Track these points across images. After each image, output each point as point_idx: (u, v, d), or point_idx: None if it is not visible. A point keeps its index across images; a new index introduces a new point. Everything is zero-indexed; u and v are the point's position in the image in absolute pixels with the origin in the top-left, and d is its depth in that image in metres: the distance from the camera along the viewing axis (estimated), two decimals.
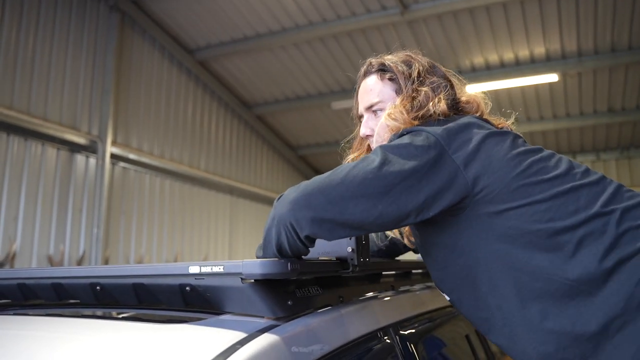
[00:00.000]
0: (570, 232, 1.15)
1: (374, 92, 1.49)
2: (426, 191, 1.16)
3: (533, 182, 1.19)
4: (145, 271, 1.19)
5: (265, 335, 0.98)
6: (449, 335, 1.84)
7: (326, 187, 1.13)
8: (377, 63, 1.52)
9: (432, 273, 1.41)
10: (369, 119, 1.50)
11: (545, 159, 1.25)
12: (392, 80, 1.47)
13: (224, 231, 8.75)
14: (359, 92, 1.57)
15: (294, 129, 10.47)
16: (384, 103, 1.46)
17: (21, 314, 1.37)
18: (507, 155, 1.22)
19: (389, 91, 1.48)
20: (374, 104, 1.48)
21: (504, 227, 1.18)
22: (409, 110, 1.36)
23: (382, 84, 1.49)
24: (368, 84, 1.52)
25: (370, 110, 1.50)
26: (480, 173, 1.19)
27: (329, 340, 1.13)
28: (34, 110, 5.66)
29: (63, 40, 6.07)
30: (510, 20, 6.99)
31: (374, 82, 1.51)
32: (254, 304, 1.08)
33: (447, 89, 1.43)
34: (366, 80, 1.54)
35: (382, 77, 1.49)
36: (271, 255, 1.15)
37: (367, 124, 1.50)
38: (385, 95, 1.47)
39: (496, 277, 1.21)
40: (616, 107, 8.70)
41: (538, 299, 1.16)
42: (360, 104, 1.55)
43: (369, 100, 1.50)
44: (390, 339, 1.37)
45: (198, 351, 0.90)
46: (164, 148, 7.54)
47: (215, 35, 7.73)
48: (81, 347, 1.00)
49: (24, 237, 5.44)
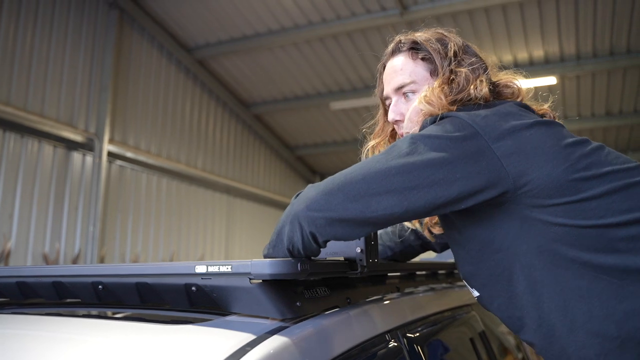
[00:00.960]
0: (623, 230, 1.06)
1: (405, 72, 1.35)
2: (460, 186, 1.06)
3: (583, 178, 1.08)
4: (150, 270, 1.16)
5: (275, 337, 0.96)
6: (455, 338, 1.82)
7: (347, 183, 1.06)
8: (408, 41, 1.38)
9: (462, 267, 1.31)
10: (398, 102, 1.37)
11: (595, 152, 1.13)
12: (425, 60, 1.34)
13: (220, 231, 8.71)
14: (384, 72, 1.42)
15: (291, 129, 10.45)
16: (417, 84, 1.33)
17: (20, 313, 1.34)
18: (554, 147, 1.10)
19: (423, 72, 1.34)
20: (406, 84, 1.34)
21: (549, 224, 1.08)
22: (447, 93, 1.23)
23: (414, 63, 1.35)
24: (397, 63, 1.38)
25: (400, 92, 1.36)
26: (524, 167, 1.07)
27: (338, 342, 1.11)
28: (31, 107, 5.61)
29: (61, 36, 6.03)
30: (509, 23, 6.99)
31: (405, 61, 1.36)
32: (262, 304, 1.05)
33: (486, 71, 1.32)
34: (395, 59, 1.39)
35: (414, 57, 1.35)
36: (281, 255, 1.10)
37: (396, 108, 1.36)
38: (419, 76, 1.34)
39: (536, 275, 1.12)
40: (614, 110, 8.72)
41: (583, 299, 1.08)
42: (388, 85, 1.40)
43: (399, 80, 1.35)
44: (398, 342, 1.34)
45: (206, 353, 0.88)
46: (161, 146, 7.50)
47: (214, 34, 7.69)
48: (82, 348, 0.97)
49: (19, 234, 5.40)
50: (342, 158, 11.46)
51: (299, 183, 11.72)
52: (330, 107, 9.04)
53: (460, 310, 2.01)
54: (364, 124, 1.58)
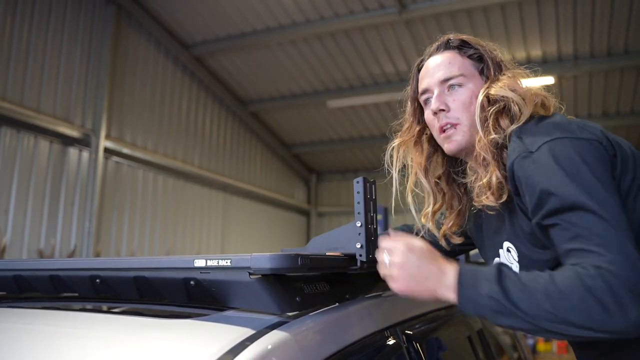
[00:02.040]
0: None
1: (453, 65, 1.36)
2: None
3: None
4: (148, 264, 1.15)
5: (275, 332, 0.95)
6: (453, 335, 1.82)
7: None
8: (456, 39, 1.40)
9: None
10: (441, 93, 1.35)
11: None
12: (474, 59, 1.37)
13: (216, 228, 8.70)
14: (426, 67, 1.42)
15: (288, 127, 10.43)
16: (465, 78, 1.34)
17: (16, 307, 1.33)
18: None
19: (472, 68, 1.37)
20: (455, 76, 1.34)
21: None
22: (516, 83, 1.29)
23: (463, 59, 1.37)
24: (444, 57, 1.38)
25: (445, 85, 1.35)
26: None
27: (337, 338, 1.10)
28: (28, 102, 5.58)
29: (58, 31, 6.00)
30: (508, 22, 6.99)
31: (453, 56, 1.38)
32: (261, 299, 1.05)
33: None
34: (440, 55, 1.40)
35: (461, 54, 1.38)
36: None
37: (440, 98, 1.34)
38: (467, 70, 1.36)
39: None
40: (611, 110, 8.74)
41: None
42: (431, 77, 1.38)
43: (447, 72, 1.35)
44: (397, 338, 1.34)
45: (205, 348, 0.87)
46: (158, 143, 7.48)
47: (211, 31, 7.67)
48: (80, 342, 0.97)
49: (14, 230, 5.37)
50: (338, 156, 11.45)
51: (295, 181, 11.71)
52: (328, 105, 9.02)
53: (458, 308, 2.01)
54: (393, 121, 1.57)
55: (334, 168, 12.07)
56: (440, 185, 1.48)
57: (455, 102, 1.33)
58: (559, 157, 1.11)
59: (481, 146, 1.26)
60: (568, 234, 1.06)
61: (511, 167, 1.17)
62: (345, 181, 11.87)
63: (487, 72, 1.35)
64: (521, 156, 1.15)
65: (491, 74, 1.34)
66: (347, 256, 1.25)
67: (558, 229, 1.08)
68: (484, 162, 1.26)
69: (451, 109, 1.33)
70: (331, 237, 1.33)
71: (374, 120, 9.59)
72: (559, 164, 1.10)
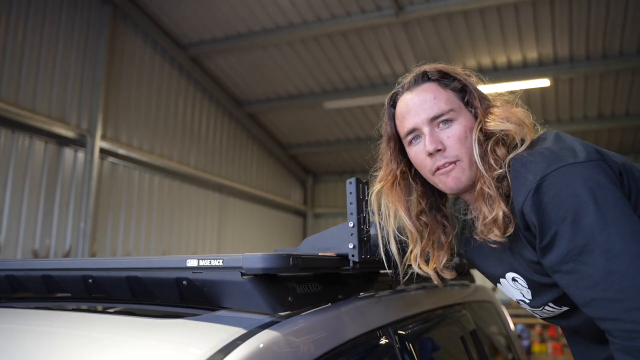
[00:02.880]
0: None
1: (440, 100, 1.28)
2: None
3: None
4: (141, 264, 1.15)
5: (266, 332, 0.95)
6: (446, 335, 1.82)
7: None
8: (435, 71, 1.33)
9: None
10: (433, 132, 1.27)
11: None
12: (456, 90, 1.31)
13: (212, 229, 8.68)
14: (405, 105, 1.33)
15: (285, 128, 10.43)
16: (456, 113, 1.27)
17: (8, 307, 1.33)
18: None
19: (457, 101, 1.30)
20: (445, 112, 1.27)
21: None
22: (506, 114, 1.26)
23: (446, 92, 1.30)
24: (427, 92, 1.30)
25: (435, 123, 1.28)
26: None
27: (329, 338, 1.10)
28: (23, 102, 5.56)
29: (54, 31, 5.98)
30: (504, 24, 7.01)
31: (437, 89, 1.30)
32: (254, 299, 1.05)
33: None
34: (420, 90, 1.32)
35: (443, 87, 1.31)
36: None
37: (433, 138, 1.26)
38: (455, 104, 1.29)
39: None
40: (606, 112, 8.77)
41: None
42: (416, 116, 1.29)
43: (434, 109, 1.27)
44: (389, 338, 1.34)
45: (196, 348, 0.87)
46: (154, 144, 7.46)
47: (208, 32, 7.66)
48: (71, 342, 0.96)
49: (9, 230, 5.35)
50: (335, 157, 11.45)
51: (291, 182, 11.71)
52: (324, 106, 9.02)
53: (451, 309, 2.02)
54: (373, 169, 1.46)
55: (330, 169, 12.08)
56: (422, 220, 1.40)
57: (450, 140, 1.26)
58: (568, 186, 1.09)
59: (484, 182, 1.22)
60: (584, 282, 1.06)
61: (520, 208, 1.15)
62: (341, 182, 11.86)
63: (472, 103, 1.30)
64: (530, 195, 1.12)
65: (478, 105, 1.29)
66: (339, 256, 1.25)
67: (572, 276, 1.08)
68: (489, 199, 1.21)
69: (447, 147, 1.26)
70: (324, 238, 1.34)
71: (371, 122, 9.59)
72: (568, 195, 1.08)
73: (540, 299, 1.30)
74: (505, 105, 1.31)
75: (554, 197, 1.08)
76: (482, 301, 2.52)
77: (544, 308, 1.32)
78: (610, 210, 1.05)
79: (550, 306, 1.31)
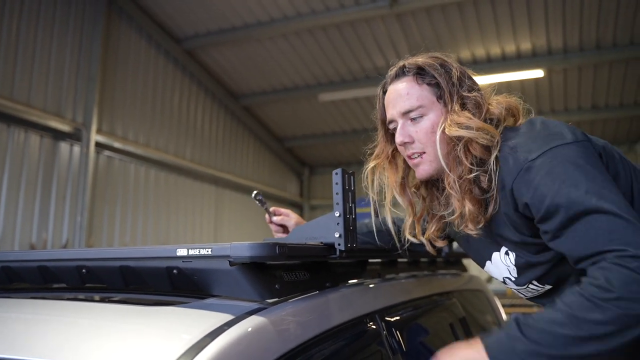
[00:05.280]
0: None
1: (412, 96, 1.38)
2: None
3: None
4: (133, 254, 1.18)
5: (253, 318, 0.99)
6: (434, 323, 1.86)
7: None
8: (412, 65, 1.41)
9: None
10: (405, 125, 1.39)
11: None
12: (431, 85, 1.38)
13: (208, 222, 8.72)
14: (388, 96, 1.45)
15: (280, 121, 10.45)
16: (425, 108, 1.37)
17: (4, 297, 1.36)
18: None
19: (429, 96, 1.38)
20: (414, 108, 1.37)
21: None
22: (471, 116, 1.32)
23: (420, 88, 1.39)
24: (402, 87, 1.40)
25: (407, 116, 1.39)
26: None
27: (315, 324, 1.14)
28: (18, 96, 5.57)
29: (48, 25, 5.97)
30: (498, 15, 7.03)
31: (411, 85, 1.40)
32: (242, 287, 1.08)
33: (481, 91, 1.41)
34: (399, 83, 1.42)
35: (419, 81, 1.39)
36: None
37: (404, 131, 1.39)
38: (425, 100, 1.37)
39: None
40: (600, 103, 8.81)
41: None
42: (393, 109, 1.42)
43: (406, 105, 1.38)
44: (376, 325, 1.38)
45: (185, 333, 0.91)
46: (150, 137, 7.48)
47: (203, 25, 7.66)
48: (67, 329, 1.00)
49: (5, 224, 5.37)
50: (330, 150, 11.48)
51: (287, 175, 11.73)
52: (319, 98, 9.04)
53: (440, 297, 2.06)
54: (366, 146, 1.59)
55: (326, 161, 12.10)
56: (420, 192, 1.53)
57: (418, 134, 1.37)
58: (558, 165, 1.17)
59: (448, 182, 1.32)
60: (585, 240, 1.11)
61: (510, 187, 1.23)
62: None
63: (445, 100, 1.36)
64: (520, 174, 1.20)
65: (448, 102, 1.35)
66: (326, 245, 1.29)
67: (574, 237, 1.13)
68: (457, 194, 1.31)
69: (415, 140, 1.37)
70: (311, 227, 1.37)
71: (366, 114, 9.60)
72: (560, 172, 1.16)
73: (524, 277, 1.38)
74: (477, 102, 1.36)
75: (546, 175, 1.16)
76: (473, 290, 2.56)
77: (528, 286, 1.40)
78: (599, 178, 1.14)
79: (534, 284, 1.38)
